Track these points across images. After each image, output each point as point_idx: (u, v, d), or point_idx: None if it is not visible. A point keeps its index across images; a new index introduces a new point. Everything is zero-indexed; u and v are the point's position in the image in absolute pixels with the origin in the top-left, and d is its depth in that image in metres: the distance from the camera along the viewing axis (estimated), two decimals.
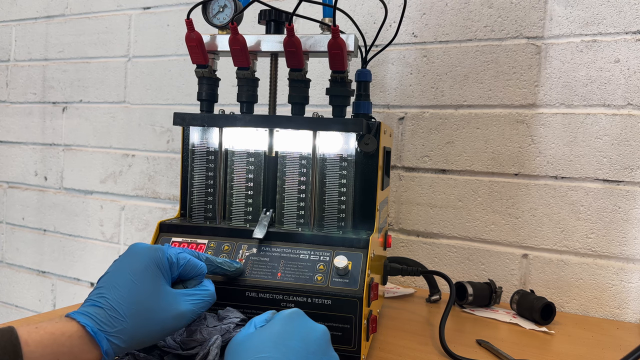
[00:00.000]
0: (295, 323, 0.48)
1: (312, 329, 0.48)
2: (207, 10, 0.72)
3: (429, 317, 0.84)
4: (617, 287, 0.89)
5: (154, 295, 0.50)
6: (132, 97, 1.38)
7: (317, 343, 0.46)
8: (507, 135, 0.97)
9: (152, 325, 0.49)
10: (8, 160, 1.60)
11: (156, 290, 0.50)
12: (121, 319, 0.47)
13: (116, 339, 0.47)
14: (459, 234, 1.01)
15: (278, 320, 0.48)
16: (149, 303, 0.49)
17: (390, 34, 1.00)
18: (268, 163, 0.72)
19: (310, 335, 0.47)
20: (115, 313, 0.47)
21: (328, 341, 0.49)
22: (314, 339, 0.47)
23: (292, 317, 0.49)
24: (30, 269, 1.56)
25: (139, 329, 0.48)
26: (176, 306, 0.51)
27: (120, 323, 0.47)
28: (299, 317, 0.49)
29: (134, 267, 0.51)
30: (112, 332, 0.47)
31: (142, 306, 0.49)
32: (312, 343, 0.46)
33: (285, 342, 0.45)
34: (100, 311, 0.47)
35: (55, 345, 0.45)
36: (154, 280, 0.51)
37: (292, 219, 0.70)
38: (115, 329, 0.47)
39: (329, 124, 0.67)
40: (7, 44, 1.60)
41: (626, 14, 0.88)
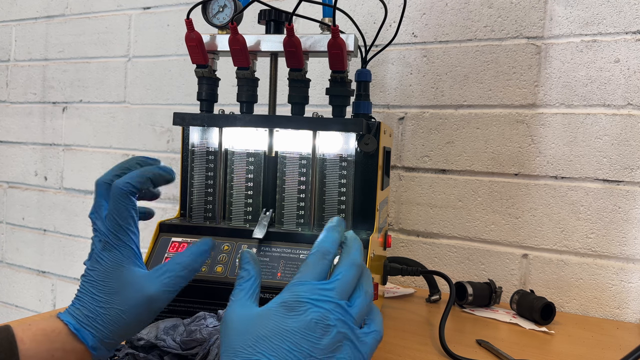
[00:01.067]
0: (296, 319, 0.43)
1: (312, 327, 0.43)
2: (207, 10, 0.72)
3: (429, 317, 0.84)
4: (617, 287, 0.89)
5: (115, 279, 0.50)
6: (132, 97, 1.38)
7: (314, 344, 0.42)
8: (507, 135, 0.97)
9: (127, 316, 0.49)
10: (8, 160, 1.60)
11: (122, 278, 0.50)
12: (98, 317, 0.49)
13: (100, 334, 0.48)
14: (459, 234, 1.01)
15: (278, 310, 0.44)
16: (113, 289, 0.50)
17: (390, 34, 1.00)
18: (268, 163, 0.72)
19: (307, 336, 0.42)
20: (90, 312, 0.49)
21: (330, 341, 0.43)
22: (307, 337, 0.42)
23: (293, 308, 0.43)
24: (30, 269, 1.56)
25: (113, 316, 0.49)
26: (145, 291, 0.50)
27: (98, 321, 0.48)
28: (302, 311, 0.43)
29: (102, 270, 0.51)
30: (93, 330, 0.48)
31: (108, 294, 0.50)
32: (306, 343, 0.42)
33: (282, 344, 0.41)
34: (79, 311, 0.49)
35: (48, 342, 0.46)
36: (120, 264, 0.51)
37: (292, 219, 0.70)
38: (95, 326, 0.48)
39: (329, 124, 0.67)
40: (7, 44, 1.60)
41: (626, 14, 0.88)
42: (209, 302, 0.62)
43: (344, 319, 0.43)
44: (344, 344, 0.42)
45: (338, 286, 0.44)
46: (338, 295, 0.44)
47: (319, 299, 0.43)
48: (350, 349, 0.43)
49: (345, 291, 0.45)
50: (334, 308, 0.43)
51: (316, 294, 0.44)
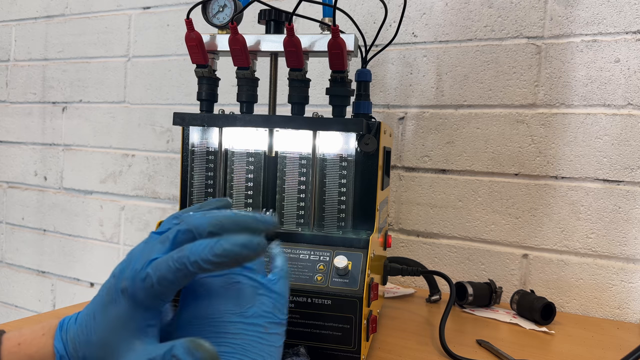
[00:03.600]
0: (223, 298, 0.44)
1: None
2: (207, 10, 0.71)
3: (429, 317, 0.84)
4: (617, 287, 0.89)
5: (120, 336, 0.42)
6: (132, 97, 1.37)
7: None
8: (507, 135, 0.97)
9: None
10: (8, 160, 1.60)
11: (130, 336, 0.42)
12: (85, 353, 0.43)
13: None
14: (459, 234, 1.01)
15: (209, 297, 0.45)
16: (112, 344, 0.42)
17: (390, 34, 1.00)
18: (268, 163, 0.72)
19: None
20: (76, 347, 0.44)
21: None
22: None
23: None
24: (30, 269, 1.56)
25: None
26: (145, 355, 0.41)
27: None
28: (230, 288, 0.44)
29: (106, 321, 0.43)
30: None
31: (106, 348, 0.43)
32: None
33: None
34: (71, 337, 0.44)
35: None
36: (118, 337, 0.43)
37: (292, 219, 0.70)
38: None
39: (329, 124, 0.67)
40: (7, 44, 1.60)
41: (626, 14, 0.88)
42: None
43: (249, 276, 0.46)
44: (257, 295, 0.45)
45: None
46: None
47: None
48: (266, 296, 0.46)
49: None
50: None
51: None
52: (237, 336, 0.43)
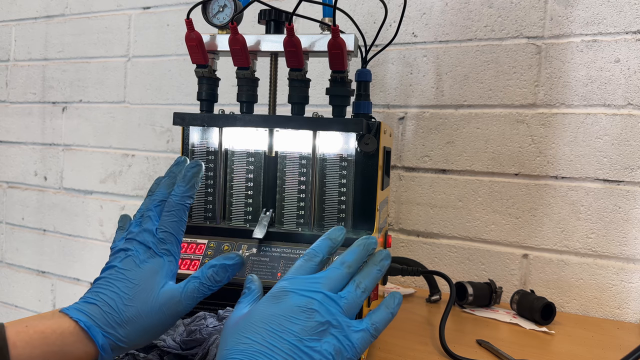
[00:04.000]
0: (279, 305, 0.44)
1: (296, 311, 0.44)
2: (207, 10, 0.71)
3: (429, 317, 0.84)
4: (617, 287, 0.89)
5: (148, 280, 0.49)
6: (132, 97, 1.37)
7: (298, 326, 0.43)
8: (507, 135, 0.96)
9: (145, 312, 0.48)
10: (8, 160, 1.60)
11: (150, 273, 0.49)
12: (115, 315, 0.46)
13: (111, 335, 0.46)
14: (459, 234, 1.01)
15: (264, 301, 0.46)
16: (142, 288, 0.48)
17: (390, 34, 1.00)
18: (268, 163, 0.72)
19: (291, 318, 0.43)
20: (110, 309, 0.46)
21: (314, 324, 0.43)
22: (295, 322, 0.43)
23: (278, 297, 0.45)
24: (29, 269, 1.56)
25: (135, 326, 0.47)
26: (170, 292, 0.50)
27: (115, 319, 0.46)
28: (286, 298, 0.45)
29: (130, 269, 0.50)
30: (107, 328, 0.46)
31: (134, 291, 0.48)
32: (292, 326, 0.43)
33: (265, 327, 0.43)
34: (94, 307, 0.46)
35: (44, 345, 0.43)
36: (152, 280, 0.50)
37: (292, 219, 0.70)
38: (110, 324, 0.46)
39: (329, 124, 0.67)
40: (6, 44, 1.60)
41: (626, 14, 0.88)
42: (209, 302, 0.62)
43: (329, 307, 0.44)
44: (330, 330, 0.43)
45: (325, 278, 0.46)
46: (324, 287, 0.45)
47: (305, 289, 0.45)
48: (336, 336, 0.43)
49: (332, 283, 0.46)
50: (320, 297, 0.44)
51: (302, 285, 0.45)
52: (281, 355, 0.41)
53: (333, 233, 0.51)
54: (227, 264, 0.53)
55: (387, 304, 0.48)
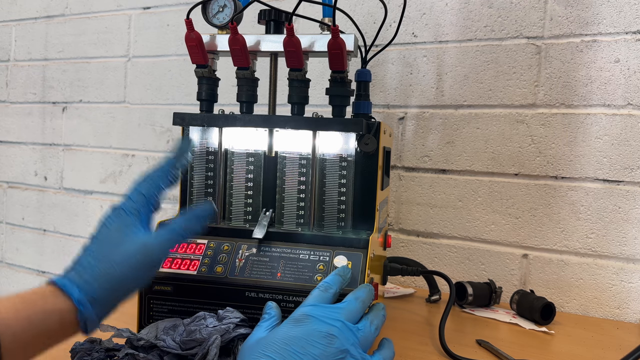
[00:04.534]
0: (301, 328, 0.47)
1: (317, 335, 0.46)
2: (207, 10, 0.71)
3: (429, 317, 0.84)
4: (617, 287, 0.89)
5: (116, 234, 0.50)
6: (132, 97, 1.37)
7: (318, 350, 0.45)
8: (507, 135, 0.97)
9: (119, 268, 0.48)
10: (8, 160, 1.60)
11: (119, 229, 0.51)
12: (88, 270, 0.48)
13: (87, 289, 0.46)
14: (459, 234, 1.01)
15: (286, 324, 0.48)
16: (111, 241, 0.50)
17: (390, 34, 1.00)
18: (268, 163, 0.72)
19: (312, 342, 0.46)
20: (82, 267, 0.48)
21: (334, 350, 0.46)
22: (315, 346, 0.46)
23: (300, 320, 0.48)
24: (30, 269, 1.56)
25: (109, 277, 0.48)
26: (139, 240, 0.51)
27: (88, 274, 0.47)
28: (307, 322, 0.48)
29: (108, 226, 0.52)
30: (82, 283, 0.46)
31: (105, 246, 0.49)
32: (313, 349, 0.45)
33: (286, 347, 0.45)
34: (70, 271, 0.48)
35: (28, 308, 0.44)
36: (120, 234, 0.51)
37: (292, 219, 0.70)
38: (84, 279, 0.47)
39: (329, 124, 0.67)
40: (7, 44, 1.60)
41: (626, 14, 0.88)
42: (209, 302, 0.62)
43: (348, 336, 0.47)
44: (347, 359, 0.46)
45: (345, 309, 0.49)
46: (344, 317, 0.48)
47: (327, 316, 0.48)
48: None
49: (351, 315, 0.49)
50: (339, 325, 0.47)
51: (324, 312, 0.48)
52: None
53: (342, 271, 0.57)
54: (198, 214, 0.56)
55: (389, 346, 0.53)
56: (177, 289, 0.63)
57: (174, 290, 0.63)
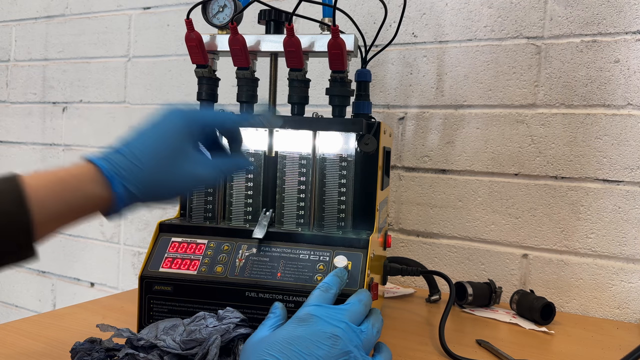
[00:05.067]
0: (305, 328, 0.47)
1: (322, 336, 0.46)
2: (207, 10, 0.72)
3: (429, 317, 0.84)
4: (617, 287, 0.89)
5: (178, 154, 0.49)
6: (132, 97, 1.38)
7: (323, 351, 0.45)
8: (507, 135, 0.97)
9: (169, 180, 0.48)
10: (8, 160, 1.60)
11: (181, 149, 0.49)
12: (140, 166, 0.46)
13: (130, 184, 0.45)
14: (459, 234, 1.01)
15: (290, 323, 0.48)
16: (172, 159, 0.48)
17: (390, 34, 1.00)
18: (268, 163, 0.72)
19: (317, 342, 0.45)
20: (136, 160, 0.46)
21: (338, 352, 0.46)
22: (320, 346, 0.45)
23: (304, 320, 0.48)
24: (30, 269, 1.56)
25: (156, 181, 0.47)
26: (195, 168, 0.50)
27: (139, 171, 0.46)
28: (312, 322, 0.48)
29: (165, 128, 0.50)
30: (128, 177, 0.45)
31: (163, 160, 0.48)
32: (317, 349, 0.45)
33: (290, 347, 0.45)
34: (121, 157, 0.46)
35: (66, 191, 0.43)
36: (182, 142, 0.50)
37: (292, 219, 0.70)
38: (132, 175, 0.46)
39: (329, 124, 0.67)
40: (7, 44, 1.60)
41: (626, 14, 0.88)
42: (209, 302, 0.62)
43: (352, 337, 0.47)
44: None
45: (349, 310, 0.49)
46: (348, 318, 0.48)
47: (331, 317, 0.48)
48: None
49: (355, 317, 0.50)
50: (344, 326, 0.47)
51: (328, 313, 0.48)
52: None
53: (340, 272, 0.57)
54: (246, 162, 0.58)
55: (386, 349, 0.53)
56: (177, 289, 0.63)
57: (174, 290, 0.63)
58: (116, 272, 1.40)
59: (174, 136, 0.49)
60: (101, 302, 0.86)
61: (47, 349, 0.63)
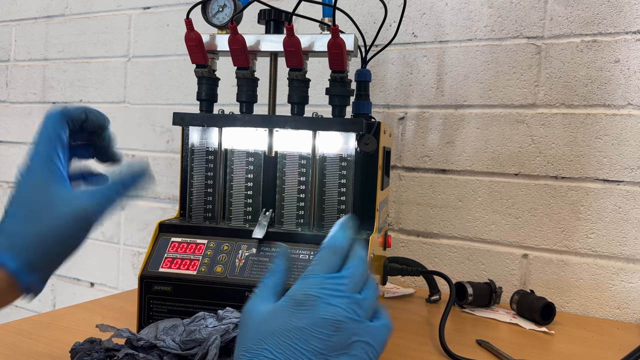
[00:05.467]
0: (304, 315, 0.42)
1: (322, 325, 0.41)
2: (207, 10, 0.72)
3: (429, 317, 0.84)
4: (617, 287, 0.89)
5: (39, 193, 0.46)
6: (132, 97, 1.37)
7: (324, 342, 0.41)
8: (507, 135, 0.96)
9: (52, 232, 0.45)
10: (8, 160, 1.60)
11: (40, 186, 0.46)
12: (15, 230, 0.44)
13: (22, 254, 0.43)
14: (459, 234, 1.01)
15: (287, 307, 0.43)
16: (36, 202, 0.46)
17: (390, 34, 1.00)
18: (268, 163, 0.72)
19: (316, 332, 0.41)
20: (13, 235, 0.44)
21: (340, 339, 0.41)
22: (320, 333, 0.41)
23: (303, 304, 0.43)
24: None
25: (38, 240, 0.45)
26: (73, 204, 0.46)
27: (15, 235, 0.44)
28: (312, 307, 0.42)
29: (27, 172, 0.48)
30: (13, 250, 0.43)
31: (29, 207, 0.45)
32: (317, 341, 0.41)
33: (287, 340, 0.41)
34: (1, 234, 0.45)
35: None
36: (44, 180, 0.47)
37: (292, 219, 0.70)
38: (14, 243, 0.44)
39: (329, 124, 0.67)
40: (7, 44, 1.60)
41: (626, 14, 0.88)
42: (209, 302, 0.62)
43: (355, 316, 0.42)
44: (356, 341, 0.42)
45: (351, 278, 0.44)
46: (350, 288, 0.43)
47: (330, 294, 0.42)
48: (363, 345, 0.42)
49: (357, 283, 0.44)
50: (346, 304, 0.42)
51: (327, 287, 0.43)
52: None
53: (350, 221, 0.48)
54: (134, 171, 0.50)
55: (376, 286, 0.47)
56: (177, 289, 0.63)
57: (174, 290, 0.63)
58: (116, 272, 1.40)
59: (37, 186, 0.47)
60: (101, 302, 0.86)
61: (47, 349, 0.63)
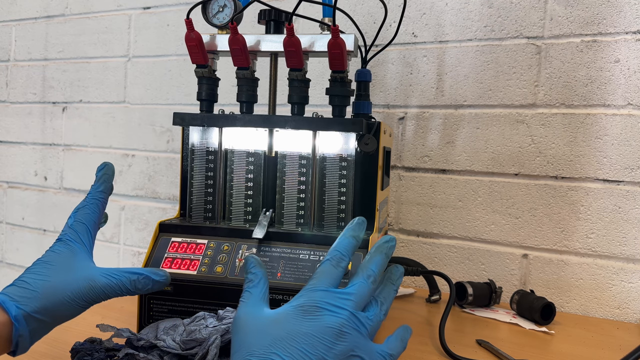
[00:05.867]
0: (311, 323, 0.44)
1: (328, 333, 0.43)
2: (207, 10, 0.72)
3: (429, 317, 0.84)
4: (617, 287, 0.89)
5: (64, 261, 0.52)
6: (132, 97, 1.38)
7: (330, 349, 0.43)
8: (507, 135, 0.97)
9: (61, 293, 0.49)
10: (8, 160, 1.60)
11: (67, 256, 0.52)
12: (30, 288, 0.48)
13: (25, 306, 0.47)
14: (459, 234, 1.01)
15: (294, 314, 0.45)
16: (58, 266, 0.51)
17: (390, 34, 1.00)
18: (268, 163, 0.72)
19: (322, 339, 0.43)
20: (25, 284, 0.49)
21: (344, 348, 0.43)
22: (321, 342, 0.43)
23: (309, 312, 0.44)
24: None
25: (47, 296, 0.49)
26: (87, 272, 0.52)
27: (29, 293, 0.48)
28: (318, 316, 0.44)
29: None
30: (22, 300, 0.47)
31: (50, 269, 0.51)
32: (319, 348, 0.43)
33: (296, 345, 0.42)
34: (12, 287, 0.49)
35: None
36: (69, 261, 0.52)
37: (292, 219, 0.70)
38: (24, 297, 0.47)
39: (329, 124, 0.67)
40: (7, 44, 1.60)
41: (626, 14, 0.88)
42: (209, 302, 0.62)
43: (358, 329, 0.44)
44: (354, 356, 0.44)
45: (356, 295, 0.46)
46: (354, 305, 0.45)
47: (337, 305, 0.45)
48: None
49: (362, 302, 0.46)
50: (350, 317, 0.44)
51: (333, 300, 0.45)
52: None
53: (357, 230, 0.50)
54: (154, 278, 0.55)
55: (403, 337, 0.50)
56: (177, 289, 0.63)
57: (174, 290, 0.63)
58: None
59: (64, 256, 0.53)
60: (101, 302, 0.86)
61: (47, 349, 0.63)
